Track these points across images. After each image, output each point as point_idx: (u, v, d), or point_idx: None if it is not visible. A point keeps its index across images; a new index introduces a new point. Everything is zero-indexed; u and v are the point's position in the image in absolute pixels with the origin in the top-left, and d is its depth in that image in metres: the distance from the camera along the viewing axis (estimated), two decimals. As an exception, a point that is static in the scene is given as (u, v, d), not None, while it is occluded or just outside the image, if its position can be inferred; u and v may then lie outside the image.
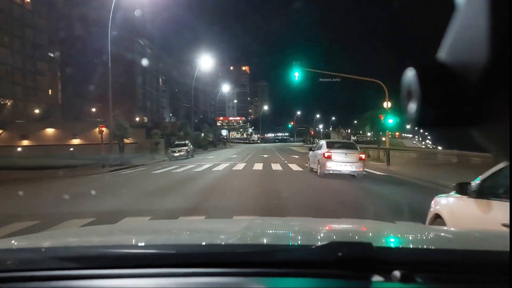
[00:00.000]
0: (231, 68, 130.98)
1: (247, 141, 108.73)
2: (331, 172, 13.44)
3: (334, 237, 1.90)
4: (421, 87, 0.51)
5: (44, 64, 64.10)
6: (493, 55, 0.44)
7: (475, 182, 3.38)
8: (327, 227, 2.34)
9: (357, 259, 1.18)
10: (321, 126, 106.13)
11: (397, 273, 1.10)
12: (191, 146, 33.29)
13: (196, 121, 74.03)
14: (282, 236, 2.12)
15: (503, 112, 0.45)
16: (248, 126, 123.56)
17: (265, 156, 31.31)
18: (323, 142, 14.87)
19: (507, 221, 2.80)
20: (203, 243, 1.66)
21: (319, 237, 1.95)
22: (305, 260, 1.25)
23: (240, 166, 19.77)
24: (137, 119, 57.16)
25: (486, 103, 0.47)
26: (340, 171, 13.34)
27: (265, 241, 1.89)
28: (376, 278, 1.11)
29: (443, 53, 0.52)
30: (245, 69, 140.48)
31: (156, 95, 77.66)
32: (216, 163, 22.63)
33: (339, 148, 13.93)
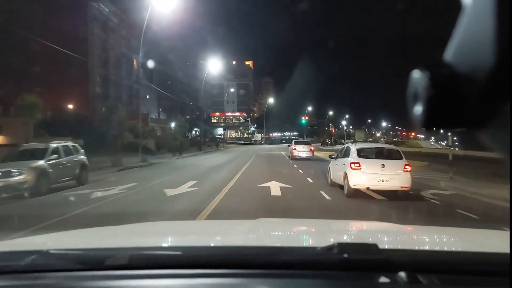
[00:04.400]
0: (234, 62, 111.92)
1: (249, 142, 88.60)
2: (297, 157, 26.20)
3: (339, 239, 1.89)
4: (427, 88, 0.50)
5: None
6: (499, 56, 0.43)
7: (336, 154, 12.60)
8: (331, 228, 2.44)
9: (362, 260, 1.18)
10: (344, 123, 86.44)
11: (402, 274, 1.09)
12: (81, 157, 13.90)
13: (188, 117, 57.67)
14: (287, 237, 2.13)
15: (506, 113, 0.44)
16: (250, 123, 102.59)
17: (282, 185, 11.73)
18: (293, 141, 29.53)
19: (339, 166, 11.07)
20: (209, 245, 1.70)
21: (324, 239, 1.98)
22: (311, 261, 1.25)
23: None
24: (71, 106, 37.95)
25: (491, 104, 0.46)
26: (300, 156, 26.27)
27: (270, 242, 1.90)
28: (382, 279, 1.11)
29: (450, 54, 0.51)
30: (249, 64, 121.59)
31: (128, 82, 58.91)
32: None
33: (300, 144, 28.16)
